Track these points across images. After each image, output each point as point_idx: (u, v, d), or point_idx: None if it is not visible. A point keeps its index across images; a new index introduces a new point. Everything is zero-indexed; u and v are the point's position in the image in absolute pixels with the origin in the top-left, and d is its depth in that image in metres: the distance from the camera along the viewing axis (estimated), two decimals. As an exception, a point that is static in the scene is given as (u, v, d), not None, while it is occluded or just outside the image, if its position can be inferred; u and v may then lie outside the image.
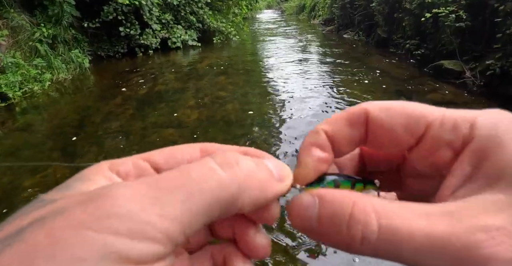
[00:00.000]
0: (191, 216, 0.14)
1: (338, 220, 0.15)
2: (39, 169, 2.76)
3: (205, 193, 0.15)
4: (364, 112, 0.19)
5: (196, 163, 0.16)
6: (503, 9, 4.28)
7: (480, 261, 0.13)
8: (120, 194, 0.14)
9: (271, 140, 3.16)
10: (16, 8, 5.43)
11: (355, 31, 9.95)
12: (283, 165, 0.20)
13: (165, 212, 0.14)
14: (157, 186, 0.15)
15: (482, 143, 0.16)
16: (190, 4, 8.50)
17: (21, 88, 4.70)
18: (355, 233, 0.15)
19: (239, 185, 0.16)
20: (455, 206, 0.15)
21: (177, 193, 0.14)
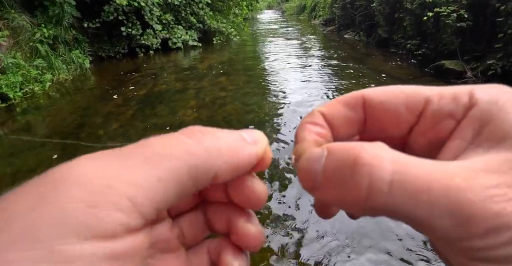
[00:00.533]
0: (159, 185, 0.13)
1: (342, 167, 0.14)
2: (36, 170, 2.76)
3: (172, 159, 0.14)
4: (361, 96, 0.19)
5: (164, 136, 0.16)
6: (504, 8, 4.27)
7: (493, 215, 0.12)
8: (83, 164, 0.13)
9: (271, 140, 3.15)
10: (16, 8, 5.44)
11: (356, 31, 9.95)
12: (255, 131, 0.19)
13: (130, 178, 0.13)
14: (124, 154, 0.14)
15: (484, 107, 0.16)
16: (190, 4, 8.51)
17: (22, 88, 4.70)
18: (361, 180, 0.13)
19: (207, 149, 0.15)
20: (467, 163, 0.14)
21: (142, 160, 0.14)
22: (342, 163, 0.14)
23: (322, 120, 0.19)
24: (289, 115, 3.73)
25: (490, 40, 4.65)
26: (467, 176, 0.13)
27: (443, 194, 0.13)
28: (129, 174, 0.13)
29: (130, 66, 6.84)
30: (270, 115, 3.78)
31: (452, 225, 0.13)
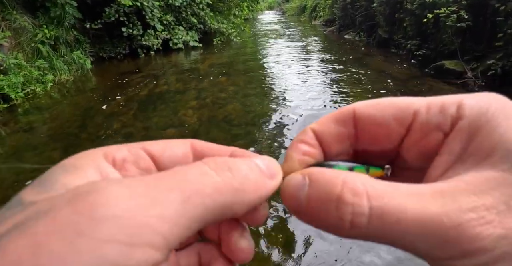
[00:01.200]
0: (188, 220, 0.14)
1: (327, 201, 0.14)
2: (37, 171, 2.77)
3: (202, 197, 0.14)
4: (351, 110, 0.19)
5: (191, 166, 0.16)
6: (504, 9, 4.28)
7: (469, 239, 0.13)
8: (114, 191, 0.13)
9: (272, 140, 3.16)
10: (18, 9, 5.47)
11: (356, 32, 9.96)
12: (272, 161, 0.19)
13: (164, 214, 0.13)
14: (155, 185, 0.14)
15: (472, 120, 0.16)
16: (191, 5, 8.53)
17: (23, 89, 4.73)
18: (344, 215, 0.14)
19: (235, 189, 0.15)
20: (447, 186, 0.14)
21: (175, 194, 0.14)
22: (326, 197, 0.15)
23: (312, 138, 0.20)
24: (289, 115, 3.74)
25: (490, 40, 4.66)
26: (443, 201, 0.13)
27: (417, 223, 0.13)
28: (162, 209, 0.13)
29: (131, 67, 6.87)
30: (270, 116, 3.79)
31: (430, 248, 0.13)
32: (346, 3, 10.61)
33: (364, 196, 0.14)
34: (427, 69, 5.54)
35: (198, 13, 8.72)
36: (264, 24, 18.27)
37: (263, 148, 3.01)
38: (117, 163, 0.18)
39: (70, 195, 0.13)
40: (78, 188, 0.13)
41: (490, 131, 0.15)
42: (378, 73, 5.49)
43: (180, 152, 0.20)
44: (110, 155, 0.18)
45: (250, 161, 0.17)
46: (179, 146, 0.20)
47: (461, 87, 4.63)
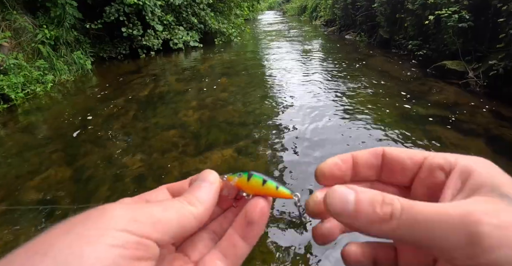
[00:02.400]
0: (168, 225, 0.21)
1: (374, 202, 0.20)
2: (38, 171, 2.76)
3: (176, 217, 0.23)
4: (382, 149, 0.27)
5: (169, 201, 0.24)
6: (506, 9, 4.26)
7: (474, 223, 0.18)
8: (116, 206, 0.21)
9: (272, 140, 3.15)
10: (18, 10, 5.46)
11: (357, 32, 9.94)
12: (210, 172, 0.28)
13: (154, 218, 0.21)
14: (146, 205, 0.22)
15: (465, 166, 0.23)
16: (191, 5, 8.52)
17: (24, 89, 4.72)
18: (387, 210, 0.20)
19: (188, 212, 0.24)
20: (456, 202, 0.21)
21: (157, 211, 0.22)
22: (373, 199, 0.21)
23: (349, 157, 0.27)
24: (290, 116, 3.72)
25: (492, 41, 4.64)
26: (454, 206, 0.20)
27: (435, 216, 0.19)
28: (154, 216, 0.21)
29: (132, 67, 6.86)
30: (271, 117, 3.78)
31: (453, 245, 0.18)
32: (346, 3, 10.60)
33: (396, 200, 0.20)
34: (429, 69, 5.53)
35: (199, 13, 8.71)
36: (265, 24, 18.25)
37: (264, 148, 2.99)
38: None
39: (83, 215, 0.20)
40: (90, 210, 0.21)
41: (478, 175, 0.22)
42: (379, 74, 5.47)
43: (162, 194, 0.28)
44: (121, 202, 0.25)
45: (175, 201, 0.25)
46: (160, 191, 0.28)
47: (462, 87, 4.61)
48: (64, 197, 2.39)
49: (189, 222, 0.23)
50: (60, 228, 0.19)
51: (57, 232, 0.19)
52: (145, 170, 2.71)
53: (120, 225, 0.19)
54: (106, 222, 0.19)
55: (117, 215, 0.20)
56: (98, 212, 0.20)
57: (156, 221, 0.21)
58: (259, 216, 0.25)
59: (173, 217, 0.22)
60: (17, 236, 2.00)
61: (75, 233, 0.18)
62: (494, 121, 3.46)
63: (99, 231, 0.18)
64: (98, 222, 0.19)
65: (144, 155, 2.96)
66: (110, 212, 0.20)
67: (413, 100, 4.09)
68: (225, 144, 3.10)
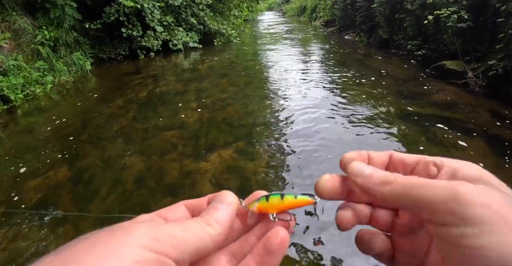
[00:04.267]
0: (185, 245, 0.22)
1: (382, 171, 0.27)
2: (38, 172, 2.76)
3: (193, 239, 0.23)
4: (390, 152, 0.32)
5: (189, 221, 0.25)
6: (504, 9, 4.26)
7: (457, 184, 0.22)
8: (140, 224, 0.23)
9: (272, 141, 3.15)
10: (18, 11, 5.46)
11: (356, 32, 9.94)
12: (227, 194, 0.29)
13: (171, 237, 0.22)
14: (165, 225, 0.23)
15: (455, 163, 0.27)
16: (191, 6, 8.52)
17: (23, 90, 4.72)
18: (391, 177, 0.26)
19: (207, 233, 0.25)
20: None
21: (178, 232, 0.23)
22: (384, 172, 0.27)
23: (366, 157, 0.31)
24: (290, 116, 3.72)
25: (491, 41, 4.64)
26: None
27: (427, 186, 0.23)
28: (174, 236, 0.22)
29: (131, 68, 6.86)
30: (271, 117, 3.78)
31: (447, 199, 0.22)
32: (346, 3, 10.61)
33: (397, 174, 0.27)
34: (428, 69, 5.53)
35: (198, 13, 8.71)
36: (264, 25, 18.26)
37: (264, 147, 2.99)
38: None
39: (107, 230, 0.22)
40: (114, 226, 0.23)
41: (466, 170, 0.25)
42: (379, 74, 5.48)
43: (180, 211, 0.29)
44: (138, 219, 0.26)
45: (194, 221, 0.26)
46: (178, 208, 0.30)
47: (462, 87, 4.61)
48: (64, 197, 2.39)
49: (206, 242, 0.24)
50: (86, 241, 0.20)
51: (83, 245, 0.20)
52: (145, 170, 2.71)
53: (143, 243, 0.20)
54: (130, 239, 0.20)
55: (140, 233, 0.21)
56: (122, 229, 0.21)
57: (176, 241, 0.22)
58: (279, 246, 0.26)
59: (191, 237, 0.23)
60: (16, 236, 2.00)
61: (101, 247, 0.19)
62: (493, 121, 3.46)
63: (124, 247, 0.20)
64: (123, 239, 0.20)
65: (143, 155, 2.96)
66: (133, 230, 0.21)
67: (412, 100, 4.09)
68: (224, 144, 3.10)
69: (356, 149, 0.32)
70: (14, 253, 1.88)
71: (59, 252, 0.19)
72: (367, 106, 3.91)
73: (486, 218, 0.20)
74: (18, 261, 1.82)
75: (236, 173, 2.61)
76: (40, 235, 2.02)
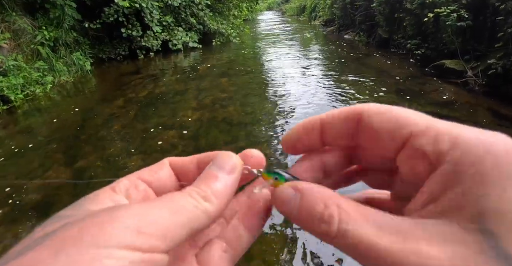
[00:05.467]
0: (175, 226, 0.18)
1: (312, 216, 0.19)
2: (38, 172, 2.77)
3: (184, 212, 0.19)
4: (358, 112, 0.21)
5: (177, 194, 0.20)
6: (504, 8, 4.27)
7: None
8: (128, 207, 0.18)
9: (271, 140, 3.16)
10: (17, 11, 5.46)
11: (356, 32, 9.95)
12: (229, 156, 0.23)
13: (163, 220, 0.18)
14: (153, 206, 0.19)
15: (459, 165, 0.16)
16: (190, 6, 8.52)
17: (23, 91, 4.72)
18: (322, 229, 0.18)
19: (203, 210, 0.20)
20: (408, 226, 0.16)
21: (166, 211, 0.18)
22: (312, 213, 0.18)
23: (317, 123, 0.23)
24: (289, 115, 3.73)
25: (491, 40, 4.64)
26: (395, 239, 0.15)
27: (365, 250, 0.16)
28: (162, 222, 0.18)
29: (131, 68, 6.86)
30: (270, 117, 3.78)
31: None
32: (345, 3, 10.61)
33: (336, 219, 0.17)
34: (427, 68, 5.53)
35: (197, 13, 8.71)
36: (264, 24, 18.26)
37: (264, 147, 3.00)
38: (123, 191, 0.22)
39: (91, 214, 0.17)
40: (96, 211, 0.18)
41: (472, 187, 0.15)
42: (378, 73, 5.48)
43: (164, 173, 0.25)
44: (116, 187, 0.22)
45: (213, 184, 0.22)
46: (162, 168, 0.25)
47: (461, 86, 4.61)
48: (64, 197, 2.39)
49: (202, 222, 0.20)
50: (50, 242, 0.15)
51: (43, 251, 0.15)
52: (145, 170, 2.71)
53: (123, 241, 0.16)
54: (106, 238, 0.15)
55: (119, 228, 0.16)
56: (96, 224, 0.16)
57: (165, 229, 0.17)
58: (265, 209, 0.24)
59: (183, 220, 0.19)
60: (15, 236, 2.01)
61: (66, 256, 0.14)
62: (492, 120, 3.47)
63: (97, 251, 0.15)
64: (99, 236, 0.15)
65: (143, 155, 2.96)
66: (110, 224, 0.16)
67: (412, 99, 4.09)
68: (224, 144, 3.10)
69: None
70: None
71: (13, 256, 0.15)
72: (367, 106, 3.91)
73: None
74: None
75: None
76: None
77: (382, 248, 0.15)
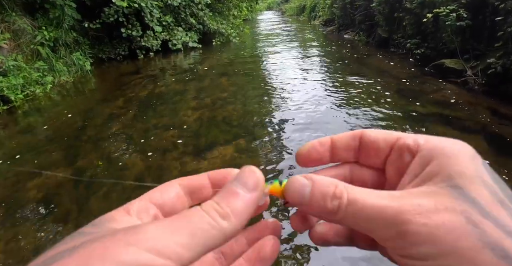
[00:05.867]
0: (195, 245, 0.19)
1: (325, 195, 0.22)
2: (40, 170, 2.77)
3: (203, 231, 0.19)
4: (361, 131, 0.27)
5: (193, 211, 0.21)
6: (503, 7, 4.27)
7: (403, 223, 0.19)
8: (148, 227, 0.19)
9: (272, 139, 3.16)
10: (17, 11, 5.47)
11: (356, 32, 9.95)
12: (252, 172, 0.23)
13: (179, 241, 0.18)
14: (170, 224, 0.19)
15: (429, 151, 0.23)
16: (190, 5, 8.53)
17: (23, 91, 4.72)
18: (335, 204, 0.22)
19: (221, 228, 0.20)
20: (399, 192, 0.22)
21: (185, 230, 0.19)
22: (326, 193, 0.22)
23: (328, 141, 0.28)
24: (289, 115, 3.73)
25: (490, 39, 4.65)
26: (393, 199, 0.21)
27: (373, 209, 0.20)
28: (180, 239, 0.18)
29: (131, 68, 6.86)
30: (270, 116, 3.79)
31: (379, 229, 0.21)
32: (345, 2, 10.61)
33: (345, 194, 0.22)
34: (427, 68, 5.54)
35: (197, 13, 8.71)
36: (264, 24, 18.26)
37: (264, 147, 3.00)
38: (135, 214, 0.23)
39: (114, 232, 0.18)
40: (118, 229, 0.19)
41: (439, 162, 0.22)
42: (378, 73, 5.49)
43: (173, 194, 0.26)
44: (130, 210, 0.23)
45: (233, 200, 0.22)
46: (172, 189, 0.26)
47: (461, 85, 4.62)
48: (65, 197, 2.40)
49: (218, 242, 0.20)
50: (76, 256, 0.16)
51: (70, 262, 0.16)
52: (145, 170, 2.72)
53: (143, 260, 0.16)
54: (129, 257, 0.16)
55: (141, 247, 0.17)
56: (121, 241, 0.17)
57: (182, 251, 0.18)
58: (271, 255, 0.26)
59: (200, 240, 0.19)
60: (16, 236, 2.01)
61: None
62: (492, 119, 3.47)
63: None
64: (120, 255, 0.16)
65: (144, 155, 2.97)
66: (133, 243, 0.17)
67: (411, 98, 4.10)
68: (225, 143, 3.11)
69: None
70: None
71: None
72: (367, 105, 3.91)
73: (437, 255, 0.19)
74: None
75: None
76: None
77: (384, 205, 0.20)
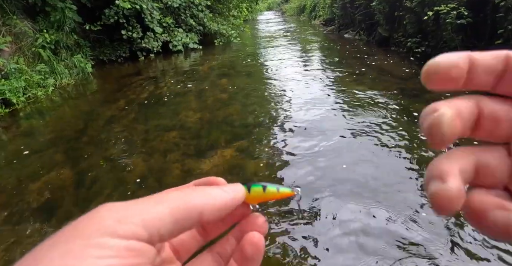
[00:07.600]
0: (157, 220, 0.18)
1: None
2: (40, 174, 2.78)
3: (169, 201, 0.20)
4: (505, 53, 0.20)
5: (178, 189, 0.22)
6: (504, 4, 4.26)
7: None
8: (105, 209, 0.19)
9: (272, 140, 3.16)
10: (18, 14, 5.50)
11: (356, 31, 9.94)
12: (235, 185, 0.24)
13: (144, 214, 0.18)
14: (135, 202, 0.19)
15: None
16: (190, 7, 8.55)
17: (25, 93, 4.75)
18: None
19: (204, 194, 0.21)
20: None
21: (152, 203, 0.19)
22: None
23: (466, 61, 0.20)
24: (290, 115, 3.73)
25: (491, 37, 4.64)
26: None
27: None
28: (143, 211, 0.18)
29: (132, 69, 6.88)
30: (271, 117, 3.79)
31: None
32: (345, 2, 10.60)
33: None
34: (428, 66, 5.52)
35: (197, 15, 8.73)
36: (264, 24, 18.27)
37: (264, 147, 3.00)
38: None
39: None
40: None
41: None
42: (379, 72, 5.47)
43: None
44: None
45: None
46: None
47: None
48: (67, 199, 2.40)
49: (193, 218, 0.20)
50: (47, 241, 0.17)
51: (43, 247, 0.16)
52: (147, 171, 2.73)
53: (106, 230, 0.17)
54: (91, 229, 0.17)
55: (103, 220, 0.17)
56: (86, 218, 0.18)
57: (145, 218, 0.18)
58: (254, 253, 0.25)
59: (165, 211, 0.19)
60: (19, 237, 2.02)
61: (59, 248, 0.16)
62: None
63: (84, 242, 0.16)
64: (84, 230, 0.17)
65: (145, 156, 2.97)
66: (96, 218, 0.18)
67: (413, 97, 4.09)
68: (226, 144, 3.11)
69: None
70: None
71: (24, 258, 0.17)
72: (367, 105, 3.91)
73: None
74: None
75: (237, 172, 2.62)
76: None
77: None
